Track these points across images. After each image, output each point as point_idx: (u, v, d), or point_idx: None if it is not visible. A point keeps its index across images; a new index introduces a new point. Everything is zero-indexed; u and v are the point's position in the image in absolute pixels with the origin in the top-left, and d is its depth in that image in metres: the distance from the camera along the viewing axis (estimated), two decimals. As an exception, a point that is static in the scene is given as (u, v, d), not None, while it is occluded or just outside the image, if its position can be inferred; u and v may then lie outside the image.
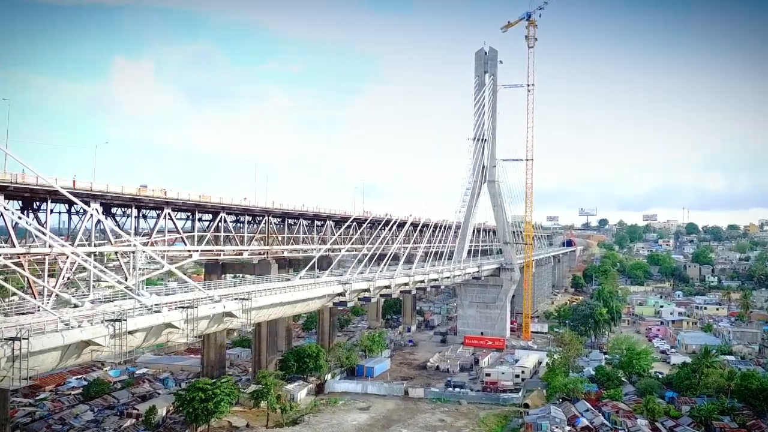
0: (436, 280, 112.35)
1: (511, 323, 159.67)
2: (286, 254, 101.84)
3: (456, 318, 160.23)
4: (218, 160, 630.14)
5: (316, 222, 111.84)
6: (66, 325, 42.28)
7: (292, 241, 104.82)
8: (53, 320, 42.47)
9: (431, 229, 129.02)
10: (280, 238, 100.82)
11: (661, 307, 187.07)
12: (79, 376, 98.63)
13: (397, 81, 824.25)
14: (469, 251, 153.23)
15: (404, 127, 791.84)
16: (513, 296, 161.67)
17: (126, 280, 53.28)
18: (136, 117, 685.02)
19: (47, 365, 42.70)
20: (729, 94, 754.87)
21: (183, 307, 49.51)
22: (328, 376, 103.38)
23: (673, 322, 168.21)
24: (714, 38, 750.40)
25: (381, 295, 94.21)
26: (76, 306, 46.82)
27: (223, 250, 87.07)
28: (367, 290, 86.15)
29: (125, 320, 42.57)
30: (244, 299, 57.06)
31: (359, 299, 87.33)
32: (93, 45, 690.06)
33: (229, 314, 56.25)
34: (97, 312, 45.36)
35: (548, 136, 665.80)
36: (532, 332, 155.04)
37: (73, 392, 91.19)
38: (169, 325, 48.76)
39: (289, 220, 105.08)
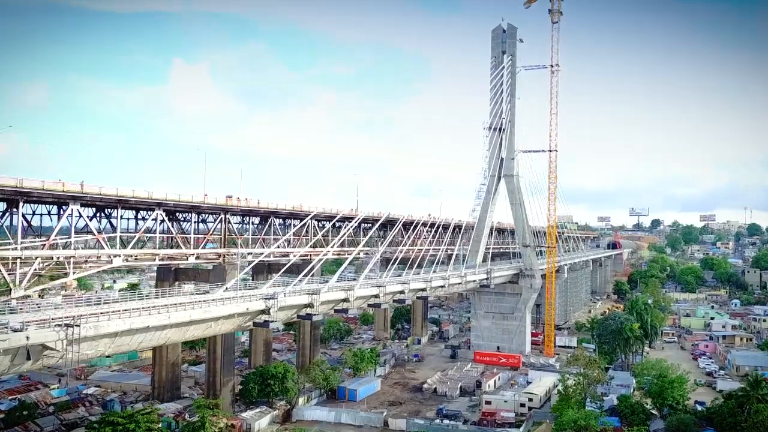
0: (423, 290, 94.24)
1: (537, 335, 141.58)
2: (250, 258, 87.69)
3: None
4: (268, 161, 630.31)
5: (296, 222, 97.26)
6: None
7: (260, 243, 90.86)
8: None
9: (423, 228, 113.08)
10: (240, 240, 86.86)
11: (712, 318, 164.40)
12: (13, 397, 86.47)
13: (444, 80, 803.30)
14: (489, 254, 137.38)
15: (450, 125, 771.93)
16: (538, 305, 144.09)
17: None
18: (192, 119, 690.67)
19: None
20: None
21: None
22: (302, 401, 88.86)
23: (724, 337, 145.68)
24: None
25: (336, 311, 77.99)
26: None
27: (158, 254, 73.47)
28: (309, 305, 69.25)
29: None
30: (69, 326, 42.54)
31: (299, 317, 71.01)
32: (152, 50, 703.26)
33: (46, 347, 42.04)
34: None
35: (595, 130, 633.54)
36: (559, 347, 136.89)
37: (-6, 418, 78.75)
38: None
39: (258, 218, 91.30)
